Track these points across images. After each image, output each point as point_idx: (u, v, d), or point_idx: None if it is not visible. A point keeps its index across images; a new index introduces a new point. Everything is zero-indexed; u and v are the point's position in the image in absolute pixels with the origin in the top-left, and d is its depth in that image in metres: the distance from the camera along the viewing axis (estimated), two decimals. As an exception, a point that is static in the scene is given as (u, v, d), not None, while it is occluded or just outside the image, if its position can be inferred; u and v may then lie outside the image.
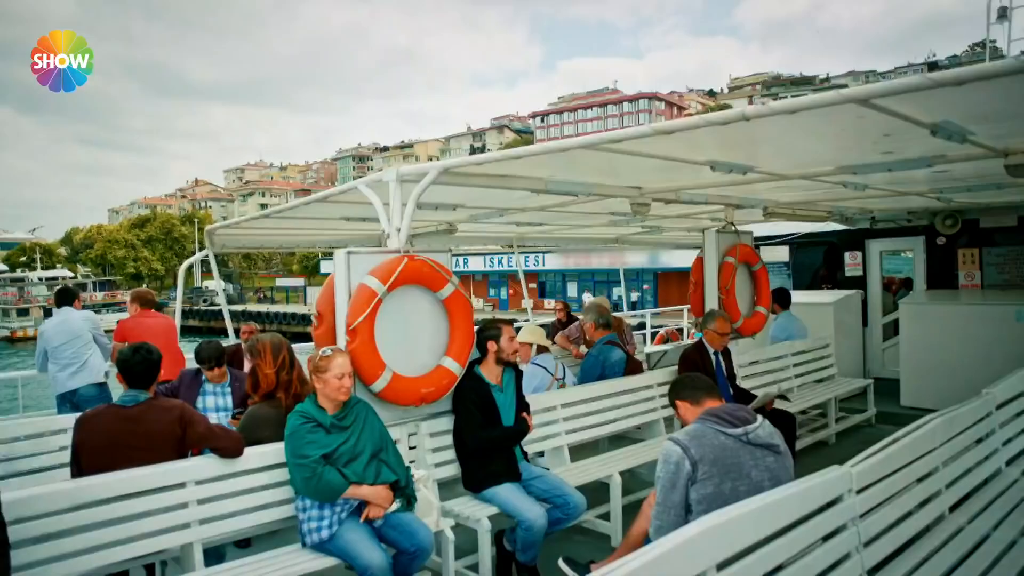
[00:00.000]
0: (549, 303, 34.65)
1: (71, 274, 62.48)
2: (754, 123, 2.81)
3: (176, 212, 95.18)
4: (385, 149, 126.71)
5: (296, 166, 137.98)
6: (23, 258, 66.45)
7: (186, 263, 6.72)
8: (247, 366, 3.93)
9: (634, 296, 35.71)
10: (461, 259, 40.30)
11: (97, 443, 3.32)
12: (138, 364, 3.44)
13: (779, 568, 2.41)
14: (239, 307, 51.69)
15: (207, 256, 6.68)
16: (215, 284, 7.01)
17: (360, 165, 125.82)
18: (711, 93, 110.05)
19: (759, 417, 2.86)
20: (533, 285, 39.73)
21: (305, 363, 3.82)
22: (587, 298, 21.83)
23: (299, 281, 62.24)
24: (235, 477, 3.41)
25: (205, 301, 54.30)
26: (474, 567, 3.86)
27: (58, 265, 68.09)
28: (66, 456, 3.88)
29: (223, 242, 6.76)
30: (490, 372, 4.13)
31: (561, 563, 3.46)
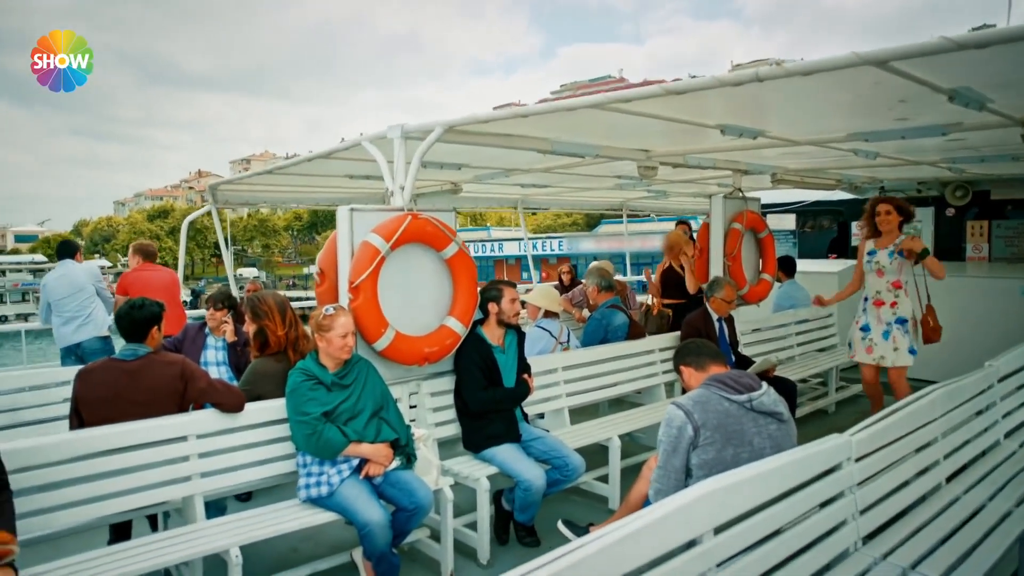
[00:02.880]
0: (582, 285, 36.15)
1: (110, 263, 62.81)
2: (767, 85, 2.74)
3: (183, 203, 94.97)
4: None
5: (301, 156, 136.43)
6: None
7: (189, 217, 6.68)
8: (247, 322, 3.90)
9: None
10: (496, 244, 43.68)
11: (98, 396, 3.33)
12: (123, 318, 3.45)
13: (776, 533, 2.42)
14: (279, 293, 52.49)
15: (210, 211, 6.65)
16: (220, 242, 6.98)
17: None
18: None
19: (764, 384, 2.86)
20: (565, 268, 40.19)
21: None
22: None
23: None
24: (236, 432, 3.43)
25: (241, 288, 54.94)
26: (472, 526, 3.90)
27: (96, 255, 68.65)
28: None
29: (226, 198, 6.73)
30: (492, 333, 4.12)
31: (560, 525, 3.49)
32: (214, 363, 4.60)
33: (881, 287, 5.26)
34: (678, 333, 5.74)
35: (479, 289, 4.15)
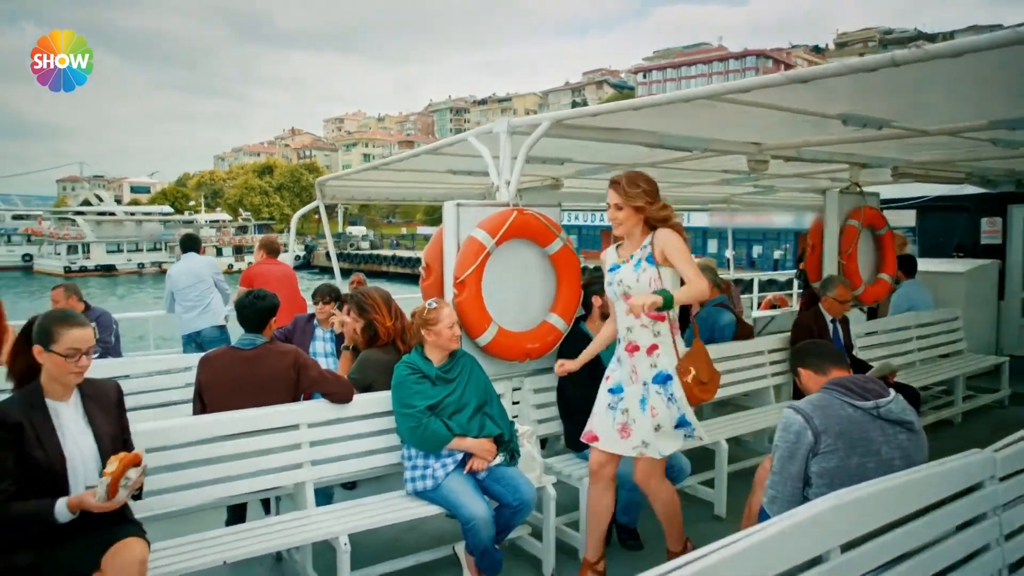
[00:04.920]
0: (688, 260, 36.30)
1: (229, 217, 66.39)
2: (904, 70, 2.54)
3: (280, 159, 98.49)
4: (483, 102, 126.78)
5: (392, 117, 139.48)
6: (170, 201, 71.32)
7: (298, 213, 6.96)
8: (354, 318, 3.99)
9: (776, 254, 36.72)
10: (598, 215, 41.80)
11: (218, 382, 3.49)
12: (246, 308, 3.60)
13: (908, 554, 2.24)
14: (388, 252, 53.87)
15: (318, 207, 6.87)
16: (326, 233, 7.20)
17: (457, 118, 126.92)
18: (817, 49, 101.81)
19: (891, 391, 2.66)
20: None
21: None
22: (729, 255, 21.68)
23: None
24: (345, 422, 3.51)
25: (352, 245, 57.13)
26: (573, 525, 3.85)
27: (216, 209, 72.84)
28: (191, 392, 4.16)
29: (333, 193, 6.93)
30: (595, 329, 4.04)
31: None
32: (323, 354, 4.74)
33: (632, 322, 3.26)
34: (787, 335, 5.49)
35: (583, 283, 4.09)
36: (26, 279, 48.25)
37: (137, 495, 2.73)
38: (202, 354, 3.79)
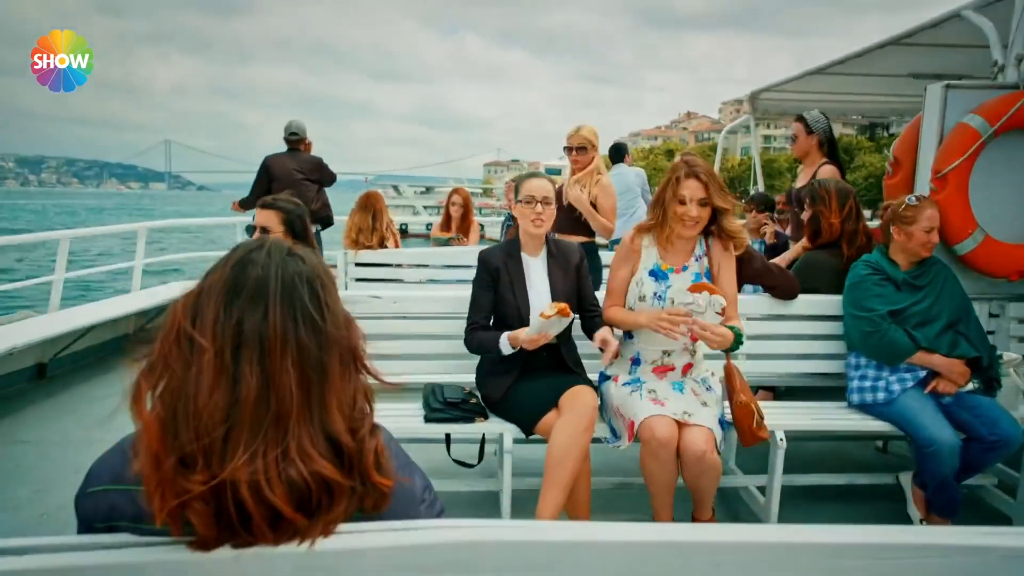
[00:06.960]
0: None
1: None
2: None
3: (678, 143, 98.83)
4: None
5: None
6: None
7: (727, 127, 6.78)
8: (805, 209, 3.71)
9: None
10: None
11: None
12: None
13: None
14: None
15: (748, 122, 6.61)
16: (754, 153, 6.91)
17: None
18: None
19: None
20: None
21: None
22: None
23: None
24: (784, 320, 3.31)
25: None
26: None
27: None
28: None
29: (765, 107, 6.58)
30: None
31: None
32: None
33: (673, 345, 2.74)
34: None
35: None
36: (477, 242, 59.77)
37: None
38: None
